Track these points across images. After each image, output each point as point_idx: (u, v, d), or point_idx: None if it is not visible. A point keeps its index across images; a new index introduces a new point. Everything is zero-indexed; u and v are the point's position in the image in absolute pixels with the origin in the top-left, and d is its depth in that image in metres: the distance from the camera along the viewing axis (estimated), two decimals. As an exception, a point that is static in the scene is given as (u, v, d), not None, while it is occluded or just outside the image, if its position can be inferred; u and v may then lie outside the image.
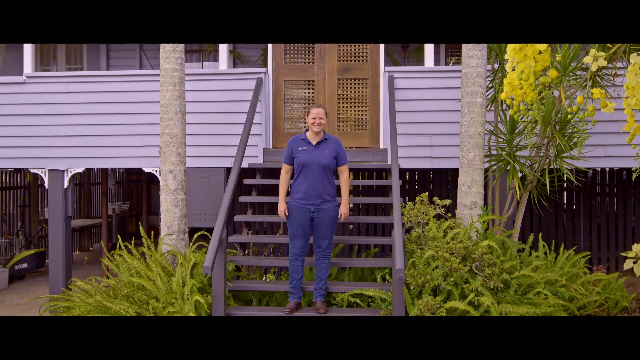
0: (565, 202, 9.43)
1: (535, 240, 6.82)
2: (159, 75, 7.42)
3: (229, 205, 5.77)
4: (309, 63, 7.69)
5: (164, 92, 6.20)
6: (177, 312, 5.09)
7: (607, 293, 6.20)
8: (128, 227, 14.10)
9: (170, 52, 6.16)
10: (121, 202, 13.96)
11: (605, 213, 9.26)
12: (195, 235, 6.05)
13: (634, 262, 6.57)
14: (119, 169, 13.67)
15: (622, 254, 6.81)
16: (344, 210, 5.49)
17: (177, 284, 5.34)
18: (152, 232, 7.41)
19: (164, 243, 6.08)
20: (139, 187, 14.90)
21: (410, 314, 5.11)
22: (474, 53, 5.98)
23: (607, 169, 9.22)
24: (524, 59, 2.62)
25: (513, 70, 2.87)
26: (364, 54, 7.61)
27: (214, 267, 5.15)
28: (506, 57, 2.89)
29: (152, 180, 13.85)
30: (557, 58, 5.42)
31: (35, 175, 11.77)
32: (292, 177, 5.67)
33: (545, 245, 6.42)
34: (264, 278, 6.26)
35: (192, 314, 5.08)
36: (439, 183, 9.15)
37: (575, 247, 6.75)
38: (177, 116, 6.21)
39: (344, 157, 5.58)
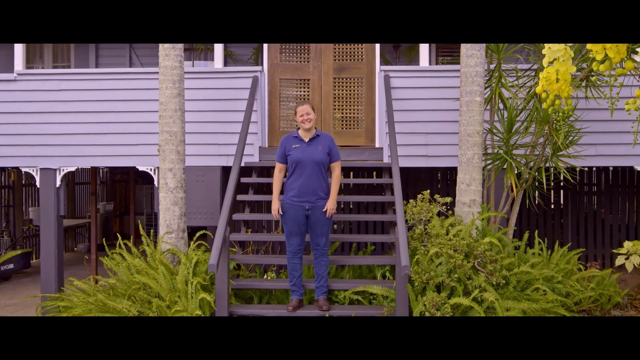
0: (553, 200, 9.58)
1: (531, 237, 6.93)
2: (152, 73, 7.41)
3: (230, 203, 5.77)
4: (304, 62, 7.70)
5: (163, 89, 6.16)
6: (182, 310, 5.06)
7: (601, 289, 6.33)
8: (112, 227, 13.95)
9: (169, 50, 6.12)
10: (105, 202, 13.81)
11: (593, 211, 9.44)
12: (197, 234, 6.03)
13: (626, 259, 6.74)
14: (102, 168, 13.51)
15: (614, 251, 6.97)
16: (330, 205, 5.45)
17: (180, 282, 5.31)
18: (153, 232, 7.33)
19: (163, 242, 6.04)
20: (123, 187, 14.76)
21: (415, 310, 5.16)
22: (472, 52, 6.05)
23: (595, 168, 9.40)
24: (602, 51, 2.66)
25: (550, 65, 2.93)
26: (360, 53, 7.66)
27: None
28: (543, 51, 2.94)
29: (136, 180, 13.69)
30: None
31: (20, 174, 11.59)
32: (285, 176, 5.67)
33: (542, 242, 6.54)
34: (265, 276, 6.26)
35: (197, 312, 5.06)
36: (430, 182, 9.23)
37: (570, 244, 6.88)
38: (176, 114, 6.17)
39: (336, 154, 5.59)
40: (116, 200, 14.51)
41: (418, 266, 5.42)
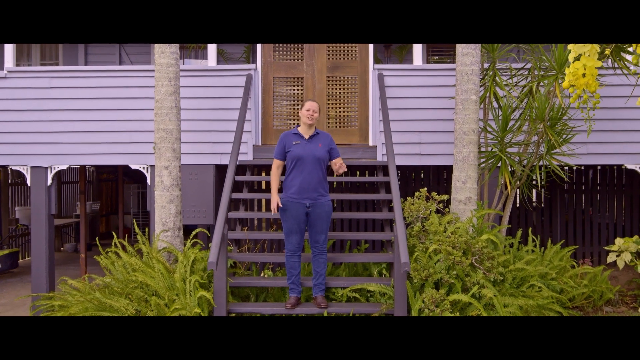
0: (543, 198, 9.68)
1: (525, 235, 7.00)
2: (145, 70, 7.37)
3: (228, 201, 5.75)
4: (298, 60, 7.70)
5: (158, 87, 6.12)
6: (181, 308, 5.04)
7: (593, 285, 6.42)
8: (99, 227, 13.82)
9: (165, 47, 6.09)
10: (92, 202, 13.67)
11: (581, 210, 9.54)
12: (194, 232, 6.00)
13: (617, 256, 6.83)
14: (89, 167, 13.38)
15: (606, 248, 7.06)
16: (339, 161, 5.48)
17: (178, 281, 5.29)
18: (147, 232, 7.28)
19: (159, 240, 6.00)
20: (109, 187, 14.63)
21: (414, 307, 5.18)
22: (468, 51, 6.10)
23: (583, 167, 9.51)
24: (636, 47, 2.71)
25: (577, 60, 2.97)
26: (353, 51, 7.67)
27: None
28: (569, 47, 2.98)
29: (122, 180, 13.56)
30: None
31: (6, 173, 11.43)
32: (282, 174, 5.66)
33: (535, 239, 6.60)
34: (262, 274, 6.25)
35: (196, 310, 5.03)
36: (420, 180, 9.28)
37: (562, 242, 6.96)
38: (172, 112, 6.14)
39: (337, 151, 5.60)
40: (102, 200, 14.38)
41: (417, 263, 5.45)
